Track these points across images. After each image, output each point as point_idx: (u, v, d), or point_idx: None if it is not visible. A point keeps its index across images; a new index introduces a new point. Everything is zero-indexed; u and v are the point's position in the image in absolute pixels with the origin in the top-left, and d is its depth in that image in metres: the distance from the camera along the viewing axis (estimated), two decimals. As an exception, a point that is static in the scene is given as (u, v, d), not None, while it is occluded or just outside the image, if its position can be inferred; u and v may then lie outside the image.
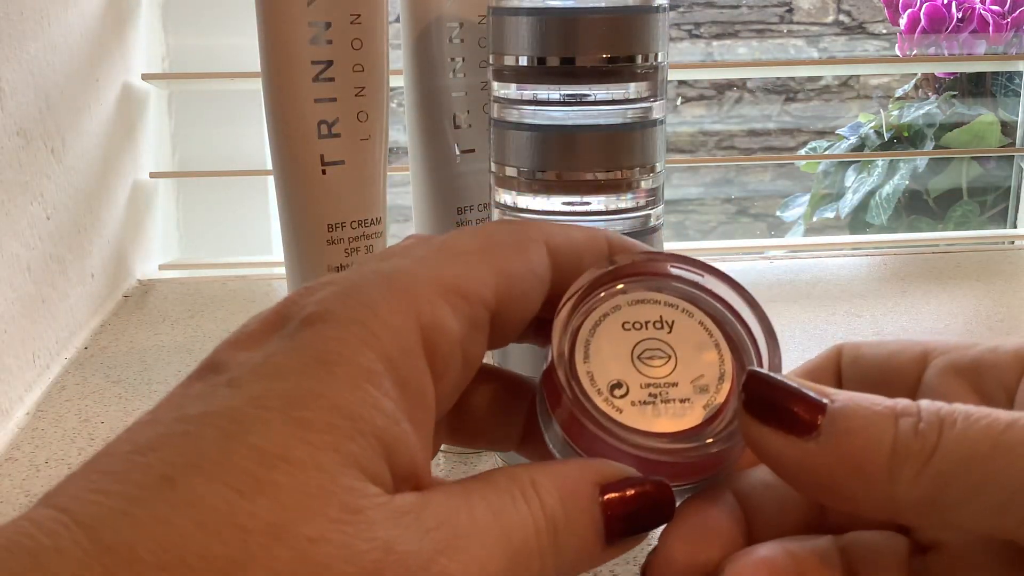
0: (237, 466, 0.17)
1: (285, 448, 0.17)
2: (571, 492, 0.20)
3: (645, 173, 0.35)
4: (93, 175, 0.60)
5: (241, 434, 0.17)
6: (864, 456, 0.20)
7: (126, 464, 0.17)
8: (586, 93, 0.34)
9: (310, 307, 0.19)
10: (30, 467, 0.43)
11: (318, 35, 0.41)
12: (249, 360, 0.19)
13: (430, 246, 0.22)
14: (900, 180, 1.01)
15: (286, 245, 0.44)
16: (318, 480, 0.17)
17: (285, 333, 0.19)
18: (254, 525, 0.16)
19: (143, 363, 0.54)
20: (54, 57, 0.54)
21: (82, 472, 0.17)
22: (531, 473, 0.20)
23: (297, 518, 0.16)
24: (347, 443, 0.17)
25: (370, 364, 0.18)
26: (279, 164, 0.43)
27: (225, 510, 0.16)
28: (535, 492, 0.20)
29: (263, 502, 0.16)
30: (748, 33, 2.10)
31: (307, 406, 0.17)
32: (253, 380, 0.18)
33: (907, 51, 1.03)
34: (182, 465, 0.17)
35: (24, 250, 0.49)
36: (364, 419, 0.18)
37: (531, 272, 0.22)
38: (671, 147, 1.19)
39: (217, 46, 0.72)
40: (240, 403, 0.17)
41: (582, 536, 0.20)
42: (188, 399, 0.18)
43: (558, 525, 0.20)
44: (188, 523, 0.16)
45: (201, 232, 0.76)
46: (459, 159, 0.45)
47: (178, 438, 0.17)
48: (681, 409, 0.23)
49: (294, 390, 0.18)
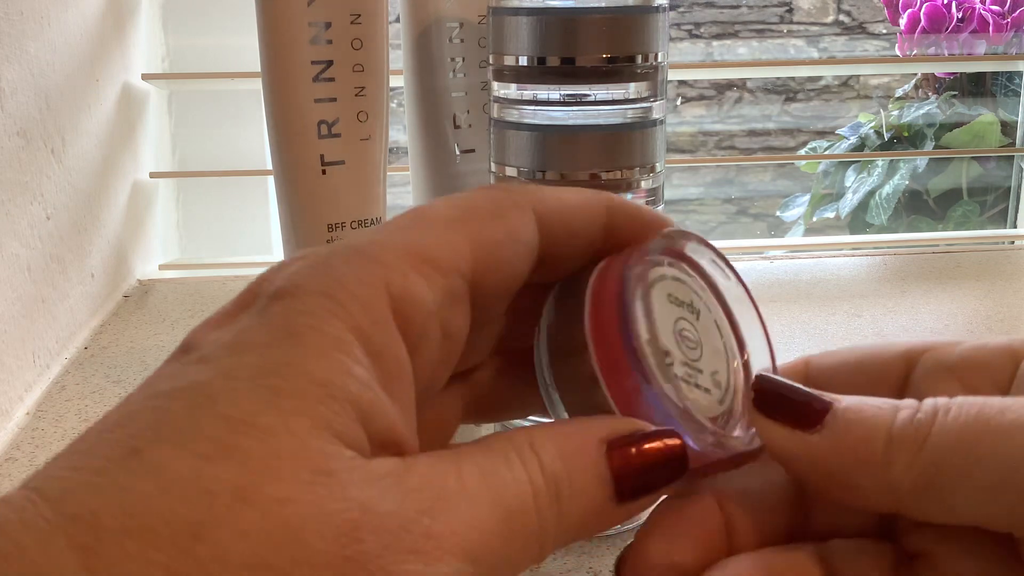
0: (204, 434, 0.16)
1: (253, 414, 0.17)
2: (574, 450, 0.20)
3: (645, 173, 0.35)
4: (93, 175, 0.60)
5: (209, 404, 0.17)
6: (862, 444, 0.20)
7: (95, 441, 0.17)
8: (586, 93, 0.34)
9: (278, 282, 0.19)
10: (30, 467, 0.43)
11: (318, 35, 0.41)
12: (219, 338, 0.19)
13: (404, 217, 0.21)
14: (900, 180, 1.01)
15: (286, 245, 0.44)
16: (288, 443, 0.17)
17: (255, 310, 0.19)
18: (220, 488, 0.16)
19: (143, 363, 0.54)
20: (54, 57, 0.54)
21: (57, 456, 0.17)
22: (530, 434, 0.20)
23: (265, 480, 0.16)
24: (318, 407, 0.17)
25: (339, 333, 0.18)
26: (279, 164, 0.43)
27: (190, 475, 0.16)
28: (533, 452, 0.19)
29: (229, 466, 0.16)
30: (748, 33, 2.10)
31: (277, 374, 0.17)
32: (223, 355, 0.18)
33: (907, 51, 1.03)
34: (149, 437, 0.17)
35: (24, 250, 0.49)
36: (336, 384, 0.18)
37: (512, 239, 0.21)
38: (671, 147, 1.19)
39: (217, 46, 0.72)
40: (209, 376, 0.17)
41: (590, 495, 0.20)
42: (160, 379, 0.18)
43: (560, 485, 0.19)
44: (152, 489, 0.16)
45: (201, 232, 0.76)
46: (459, 159, 0.45)
47: (147, 412, 0.17)
48: (704, 397, 0.22)
49: (263, 361, 0.18)
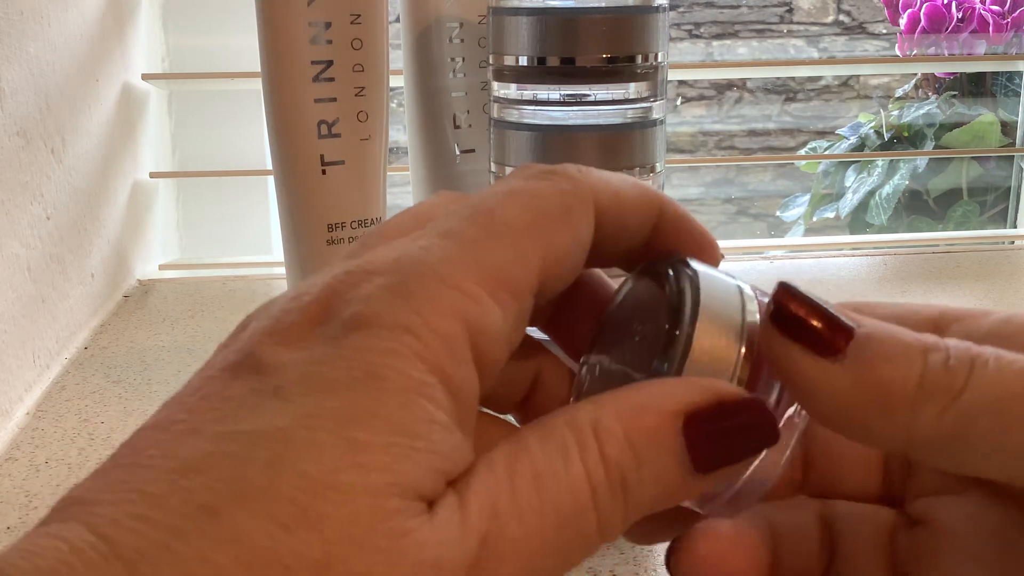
0: (283, 496, 0.16)
1: (335, 473, 0.16)
2: (645, 430, 0.18)
3: (645, 173, 0.35)
4: (93, 175, 0.60)
5: (290, 460, 0.16)
6: (890, 386, 0.19)
7: (167, 486, 0.16)
8: (586, 93, 0.34)
9: (355, 305, 0.18)
10: (30, 467, 0.43)
11: (318, 35, 0.41)
12: (294, 364, 0.17)
13: (472, 219, 0.19)
14: (900, 180, 1.01)
15: (286, 245, 0.44)
16: (368, 506, 0.16)
17: (329, 334, 0.18)
18: (299, 564, 0.15)
19: (143, 363, 0.54)
20: (54, 57, 0.54)
21: (120, 486, 0.16)
22: (594, 413, 0.19)
23: (343, 553, 0.16)
24: (401, 463, 0.17)
25: (422, 376, 0.17)
26: (279, 164, 0.43)
27: (269, 547, 0.15)
28: (595, 439, 0.18)
29: (308, 537, 0.16)
30: (748, 33, 2.10)
31: (360, 426, 0.17)
32: (302, 393, 0.17)
33: (907, 51, 1.03)
34: (226, 494, 0.16)
35: (24, 250, 0.49)
36: (420, 436, 0.17)
37: (578, 245, 0.20)
38: (671, 147, 1.19)
39: (217, 46, 0.72)
40: (289, 422, 0.17)
41: (663, 474, 0.19)
42: (231, 406, 0.17)
43: (626, 473, 0.18)
44: (230, 562, 0.15)
45: (201, 232, 0.76)
46: (459, 159, 0.45)
47: (223, 460, 0.16)
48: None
49: (346, 408, 0.17)
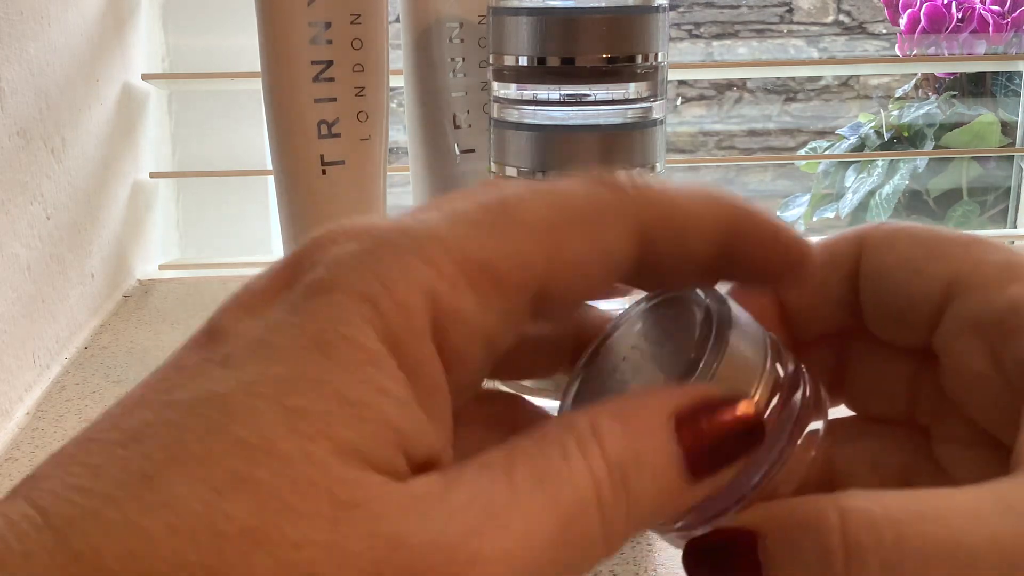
0: (219, 462, 0.15)
1: (271, 440, 0.15)
2: (642, 430, 0.18)
3: (645, 173, 0.35)
4: (93, 175, 0.60)
5: (227, 425, 0.16)
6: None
7: (107, 456, 0.16)
8: (586, 93, 0.34)
9: (319, 269, 0.17)
10: (30, 467, 0.43)
11: (318, 35, 0.41)
12: (248, 331, 0.17)
13: (476, 201, 0.18)
14: (900, 180, 1.02)
15: (286, 245, 0.44)
16: (307, 474, 0.15)
17: (290, 298, 0.17)
18: (232, 529, 0.15)
19: (143, 363, 0.54)
20: (54, 57, 0.54)
21: (64, 460, 0.16)
22: (592, 416, 0.18)
23: (280, 520, 0.15)
24: (344, 431, 0.16)
25: (373, 345, 0.17)
26: (279, 164, 0.43)
27: (202, 512, 0.15)
28: (595, 439, 0.18)
29: (243, 503, 0.15)
30: (748, 33, 2.10)
31: (301, 393, 0.16)
32: (248, 360, 0.16)
33: (907, 51, 1.03)
34: (162, 460, 0.15)
35: (24, 250, 0.49)
36: (367, 404, 0.16)
37: (600, 256, 0.19)
38: (671, 147, 1.19)
39: (217, 46, 0.72)
40: (230, 388, 0.16)
41: (662, 477, 0.18)
42: (181, 376, 0.17)
43: (627, 472, 0.18)
44: (161, 527, 0.15)
45: (201, 232, 0.76)
46: (459, 159, 0.45)
47: (162, 428, 0.16)
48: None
49: (289, 375, 0.16)
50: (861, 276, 0.23)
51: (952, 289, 0.22)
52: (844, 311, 0.24)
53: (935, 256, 0.22)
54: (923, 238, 0.23)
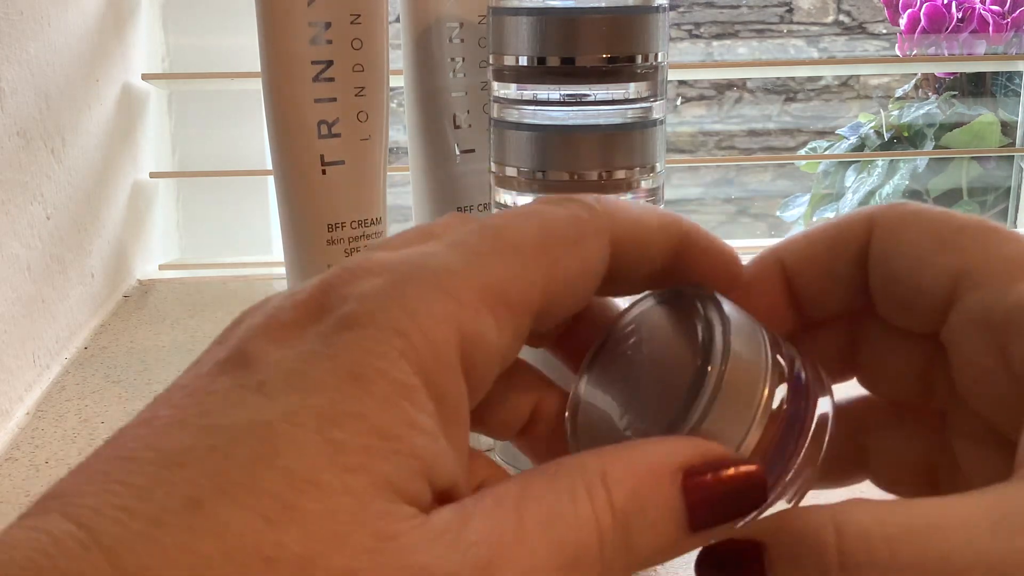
0: (266, 491, 0.16)
1: (315, 471, 0.16)
2: (649, 480, 0.19)
3: (645, 173, 0.35)
4: (93, 175, 0.60)
5: (272, 455, 0.16)
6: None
7: (151, 479, 0.16)
8: (586, 93, 0.34)
9: (350, 303, 0.18)
10: (30, 467, 0.43)
11: (318, 35, 0.41)
12: (281, 361, 0.18)
13: (480, 235, 0.20)
14: (900, 180, 1.02)
15: (286, 245, 0.44)
16: (349, 506, 0.16)
17: (321, 331, 0.18)
18: (282, 556, 0.15)
19: (143, 363, 0.54)
20: (54, 57, 0.54)
21: (101, 478, 0.16)
22: (603, 461, 0.19)
23: (327, 549, 0.16)
24: (381, 464, 0.17)
25: (407, 379, 0.17)
26: (279, 164, 0.43)
27: (252, 539, 0.15)
28: (603, 485, 0.18)
29: (292, 531, 0.16)
30: (748, 33, 2.10)
31: (341, 426, 0.17)
32: (285, 390, 0.17)
33: (907, 51, 1.03)
34: (209, 488, 0.16)
35: (24, 250, 0.49)
36: (401, 438, 0.17)
37: (586, 271, 0.20)
38: (671, 147, 1.19)
39: (217, 46, 0.72)
40: (272, 418, 0.17)
41: (663, 528, 0.19)
42: (214, 400, 0.17)
43: (630, 520, 0.18)
44: (214, 552, 0.15)
45: (201, 232, 0.76)
46: (459, 159, 0.45)
47: (206, 453, 0.16)
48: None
49: (328, 407, 0.17)
50: (870, 261, 0.23)
51: (961, 282, 0.22)
52: (854, 293, 0.24)
53: (944, 247, 0.22)
54: (933, 226, 0.23)
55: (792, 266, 0.24)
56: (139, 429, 0.17)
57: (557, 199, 0.21)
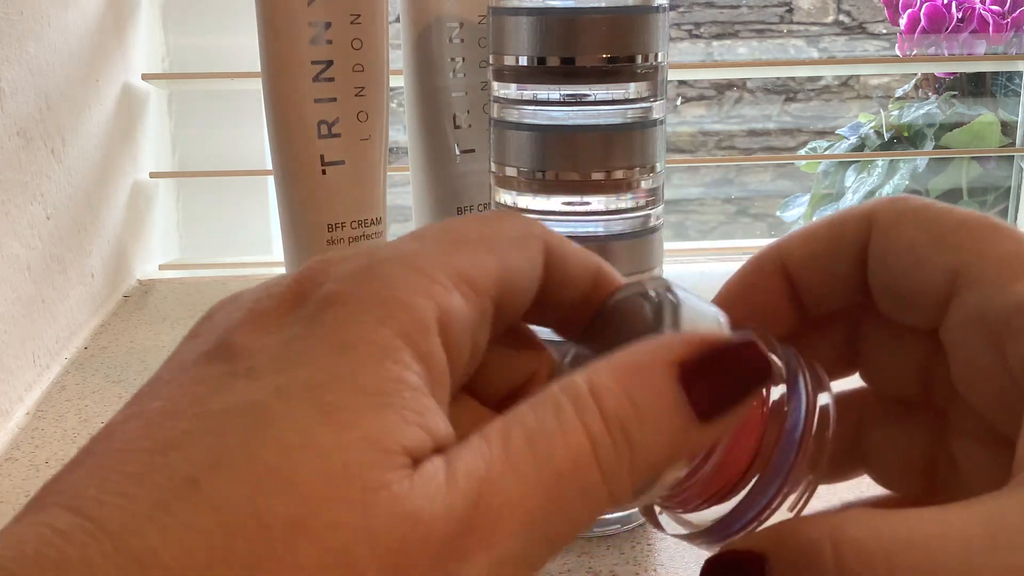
0: (259, 460, 0.16)
1: (308, 435, 0.17)
2: (639, 380, 0.19)
3: (645, 173, 0.35)
4: (93, 175, 0.60)
5: (264, 428, 0.17)
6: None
7: (148, 465, 0.17)
8: (586, 93, 0.34)
9: (328, 286, 0.19)
10: (30, 467, 0.43)
11: (318, 35, 0.41)
12: (267, 347, 0.18)
13: (438, 231, 0.21)
14: (900, 180, 1.01)
15: (286, 245, 0.44)
16: (341, 461, 0.17)
17: (303, 315, 0.19)
18: (275, 520, 0.16)
19: (143, 363, 0.54)
20: (54, 57, 0.54)
21: (96, 470, 0.17)
22: (588, 375, 0.19)
23: (317, 508, 0.16)
24: (372, 418, 0.17)
25: (389, 341, 0.18)
26: (279, 164, 0.43)
27: (248, 508, 0.16)
28: (592, 397, 0.18)
29: (284, 495, 0.16)
30: (748, 33, 2.10)
31: (329, 389, 0.17)
32: (273, 370, 0.18)
33: (907, 51, 1.03)
34: (206, 465, 0.16)
35: (24, 250, 0.49)
36: (388, 393, 0.17)
37: (530, 269, 0.22)
38: (671, 147, 1.19)
39: (217, 46, 0.72)
40: (262, 396, 0.17)
41: (665, 420, 0.19)
42: (205, 388, 0.18)
43: (627, 425, 0.18)
44: (212, 524, 0.16)
45: (201, 232, 0.76)
46: (459, 159, 0.45)
47: (200, 436, 0.17)
48: None
49: (316, 376, 0.17)
50: (869, 257, 0.23)
51: (958, 281, 0.22)
52: (854, 288, 0.24)
53: (941, 245, 0.22)
54: (930, 222, 0.23)
55: (792, 263, 0.24)
56: (130, 422, 0.18)
57: (499, 212, 0.23)
